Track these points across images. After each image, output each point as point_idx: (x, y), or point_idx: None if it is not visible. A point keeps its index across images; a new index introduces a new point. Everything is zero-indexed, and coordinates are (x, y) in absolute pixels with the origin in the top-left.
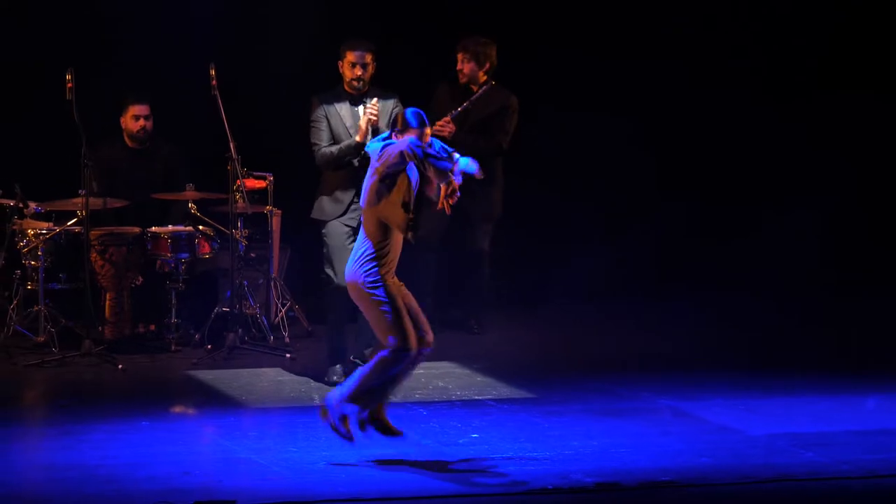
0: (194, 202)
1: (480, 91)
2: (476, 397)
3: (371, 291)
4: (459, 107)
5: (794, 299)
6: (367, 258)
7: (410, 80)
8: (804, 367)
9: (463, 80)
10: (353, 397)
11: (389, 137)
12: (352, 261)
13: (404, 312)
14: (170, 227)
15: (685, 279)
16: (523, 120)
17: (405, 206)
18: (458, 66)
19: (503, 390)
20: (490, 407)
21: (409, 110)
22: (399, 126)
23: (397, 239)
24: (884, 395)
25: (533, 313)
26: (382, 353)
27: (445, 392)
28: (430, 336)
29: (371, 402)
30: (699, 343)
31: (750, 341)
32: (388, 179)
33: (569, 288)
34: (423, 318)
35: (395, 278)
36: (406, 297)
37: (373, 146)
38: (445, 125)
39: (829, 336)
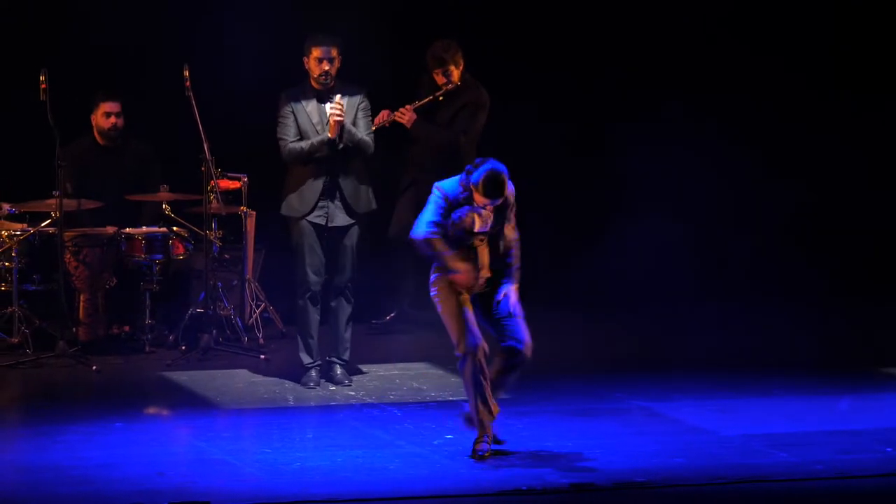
0: (168, 203)
1: (447, 89)
2: (451, 398)
3: (431, 290)
4: (424, 99)
5: (768, 301)
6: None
7: (381, 76)
8: (778, 368)
9: (451, 88)
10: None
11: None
12: None
13: (458, 315)
14: (144, 229)
15: (659, 282)
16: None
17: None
18: (443, 81)
19: None
20: (464, 408)
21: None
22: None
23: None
24: (856, 395)
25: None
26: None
27: (420, 393)
28: (507, 344)
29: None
30: (672, 344)
31: (724, 342)
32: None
33: (543, 291)
34: (510, 325)
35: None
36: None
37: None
38: (406, 112)
39: (802, 337)
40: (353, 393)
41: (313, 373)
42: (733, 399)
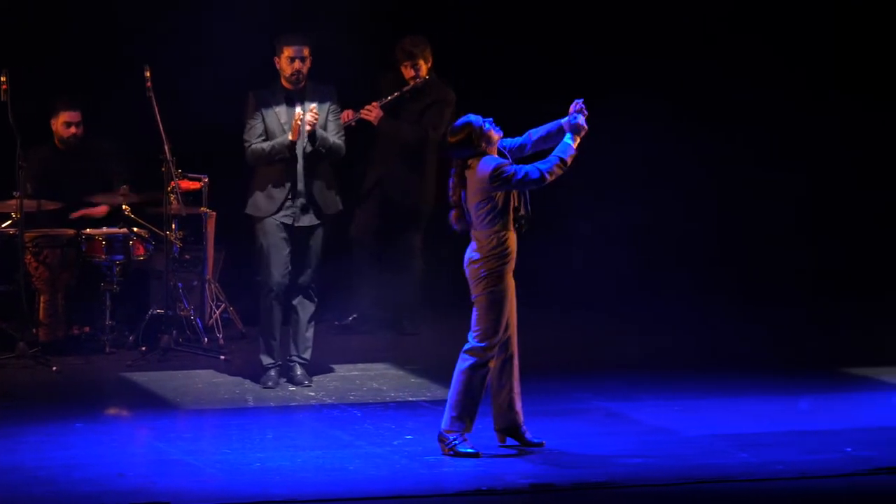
0: (129, 204)
1: (415, 84)
2: (410, 399)
3: (485, 273)
4: (391, 95)
5: (731, 301)
6: None
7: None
8: (740, 368)
9: (419, 83)
10: None
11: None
12: None
13: (506, 313)
14: (104, 229)
15: (618, 281)
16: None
17: None
18: (411, 74)
19: (438, 392)
20: (424, 408)
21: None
22: None
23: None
24: (818, 395)
25: (467, 313)
26: None
27: (380, 393)
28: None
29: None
30: (634, 344)
31: (686, 343)
32: None
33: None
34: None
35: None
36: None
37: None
38: (373, 109)
39: (764, 337)
40: (313, 393)
41: (273, 372)
42: (695, 399)
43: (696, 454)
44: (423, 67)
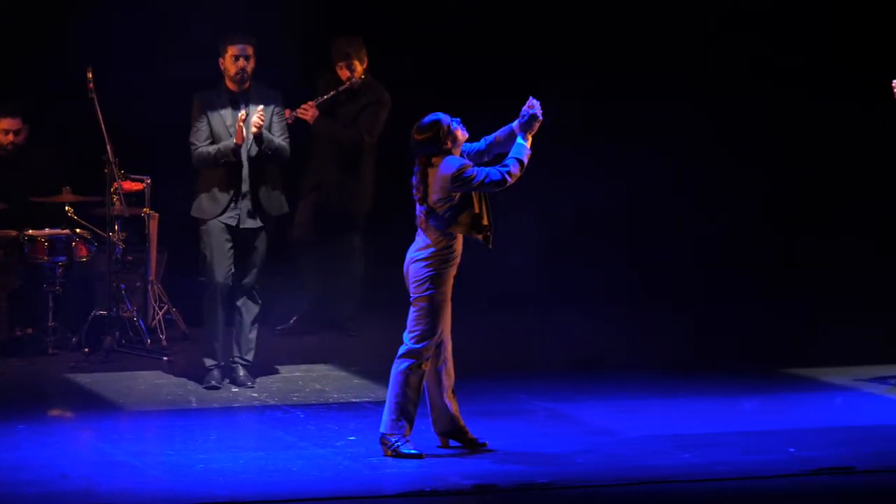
0: (71, 205)
1: (350, 84)
2: (353, 400)
3: (427, 276)
4: (326, 94)
5: (674, 301)
6: None
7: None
8: (682, 369)
9: (355, 81)
10: None
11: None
12: None
13: (444, 317)
14: (47, 231)
15: (564, 282)
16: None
17: None
18: (346, 72)
19: (380, 393)
20: (368, 409)
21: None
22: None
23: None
24: (761, 396)
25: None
26: None
27: (323, 395)
28: None
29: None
30: (578, 345)
31: (629, 343)
32: None
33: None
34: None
35: None
36: None
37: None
38: (308, 108)
39: (707, 337)
40: (255, 395)
41: (215, 373)
42: (637, 400)
43: (638, 455)
44: (359, 68)
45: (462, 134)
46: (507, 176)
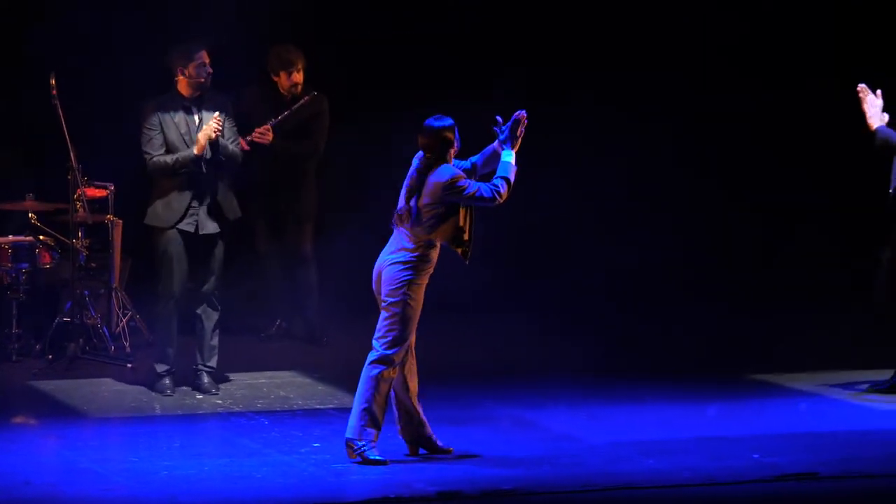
0: (34, 212)
1: (305, 100)
2: (318, 406)
3: (402, 284)
4: (280, 115)
5: (638, 307)
6: None
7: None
8: (647, 375)
9: (298, 90)
10: None
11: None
12: None
13: (414, 324)
14: (10, 238)
15: (532, 286)
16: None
17: None
18: (288, 81)
19: (345, 399)
20: (332, 416)
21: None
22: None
23: None
24: (725, 402)
25: (370, 320)
26: None
27: (287, 401)
28: None
29: None
30: (543, 351)
31: (594, 349)
32: None
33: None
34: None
35: None
36: None
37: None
38: (265, 132)
39: (672, 343)
40: (220, 401)
41: (167, 380)
42: (602, 406)
43: (603, 461)
44: (300, 75)
45: (456, 144)
46: (496, 195)
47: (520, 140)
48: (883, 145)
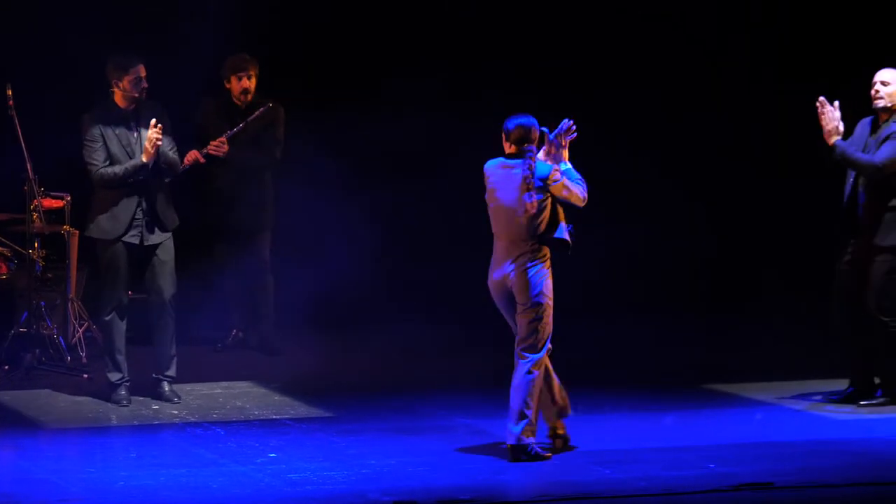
0: None
1: (261, 111)
2: (274, 416)
3: (540, 285)
4: (236, 127)
5: (592, 316)
6: None
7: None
8: (604, 385)
9: (249, 97)
10: None
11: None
12: None
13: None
14: None
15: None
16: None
17: None
18: (239, 86)
19: (301, 409)
20: (288, 426)
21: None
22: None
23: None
24: (681, 412)
25: (332, 331)
26: None
27: (243, 411)
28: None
29: None
30: (499, 361)
31: (552, 359)
32: None
33: (367, 307)
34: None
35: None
36: None
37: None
38: (221, 145)
39: (628, 353)
40: (176, 412)
41: (123, 391)
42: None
43: (558, 471)
44: (254, 81)
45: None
46: (586, 195)
47: (566, 150)
48: (841, 160)
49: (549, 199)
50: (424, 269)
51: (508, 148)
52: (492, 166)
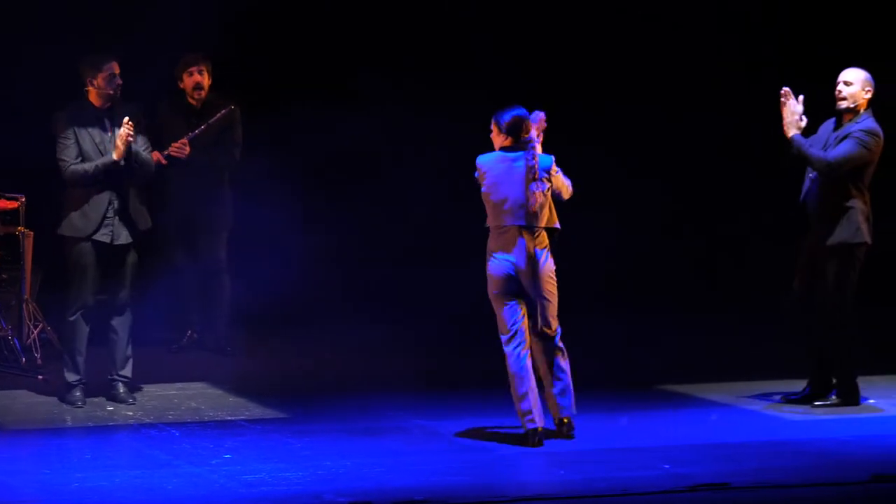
0: None
1: (222, 113)
2: (229, 417)
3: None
4: (197, 129)
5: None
6: None
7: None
8: None
9: (203, 94)
10: None
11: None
12: None
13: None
14: None
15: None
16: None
17: None
18: (191, 81)
19: (256, 410)
20: (243, 427)
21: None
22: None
23: None
24: (637, 412)
25: (285, 331)
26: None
27: (198, 413)
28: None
29: None
30: (454, 362)
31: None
32: None
33: (322, 307)
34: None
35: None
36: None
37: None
38: (183, 147)
39: (583, 353)
40: (131, 413)
41: (78, 392)
42: (512, 417)
43: (514, 471)
44: (206, 76)
45: None
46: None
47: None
48: (798, 154)
49: (550, 190)
50: (379, 270)
51: (504, 140)
52: (489, 161)
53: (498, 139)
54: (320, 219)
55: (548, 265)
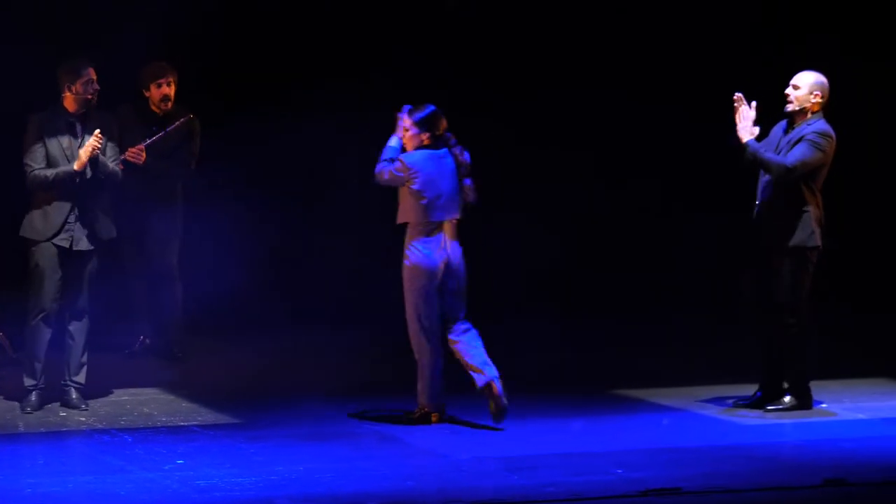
0: None
1: (181, 121)
2: (181, 423)
3: None
4: (154, 136)
5: (501, 318)
6: None
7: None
8: (511, 390)
9: (169, 105)
10: None
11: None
12: None
13: None
14: None
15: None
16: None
17: None
18: (158, 93)
19: (208, 416)
20: (195, 433)
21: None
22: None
23: None
24: (589, 417)
25: (236, 337)
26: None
27: (150, 418)
28: None
29: None
30: (406, 368)
31: (457, 364)
32: None
33: (274, 312)
34: None
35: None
36: None
37: None
38: (139, 153)
39: (535, 357)
40: (84, 419)
41: (33, 397)
42: (465, 422)
43: (466, 477)
44: (171, 89)
45: None
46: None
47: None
48: (753, 159)
49: None
50: (332, 273)
51: (423, 138)
52: (421, 159)
53: (415, 138)
54: (272, 221)
55: (461, 261)
